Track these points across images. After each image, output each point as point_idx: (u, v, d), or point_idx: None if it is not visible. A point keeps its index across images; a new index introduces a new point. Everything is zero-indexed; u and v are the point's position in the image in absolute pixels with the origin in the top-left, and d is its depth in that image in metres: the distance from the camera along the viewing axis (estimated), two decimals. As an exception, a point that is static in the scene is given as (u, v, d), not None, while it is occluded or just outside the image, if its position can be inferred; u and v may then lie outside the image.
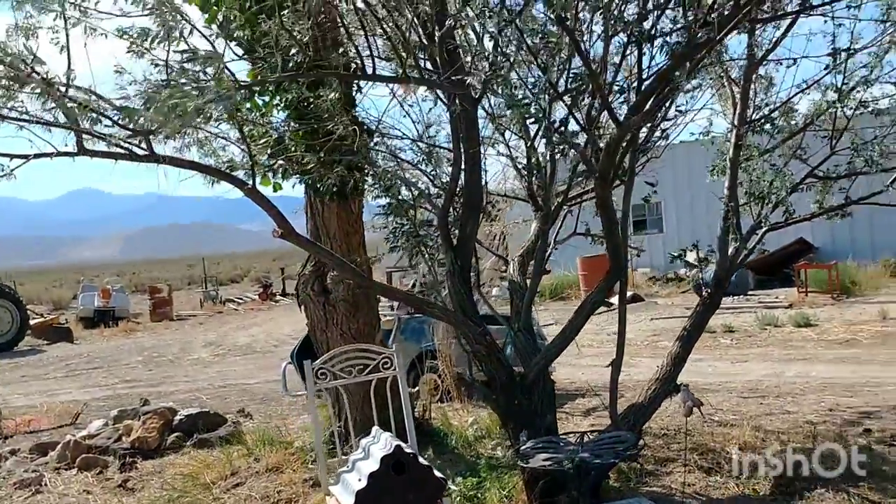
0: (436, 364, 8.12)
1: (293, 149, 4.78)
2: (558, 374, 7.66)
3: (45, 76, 3.78)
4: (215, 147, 4.67)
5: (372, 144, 4.94)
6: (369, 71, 3.93)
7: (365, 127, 4.90)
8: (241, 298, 29.45)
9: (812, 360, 9.96)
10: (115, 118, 3.68)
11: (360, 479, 3.52)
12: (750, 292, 17.18)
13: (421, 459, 3.63)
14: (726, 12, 3.31)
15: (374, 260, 6.33)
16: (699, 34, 3.25)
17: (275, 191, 5.52)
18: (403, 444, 3.64)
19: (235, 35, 4.47)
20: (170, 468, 6.25)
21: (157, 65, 3.81)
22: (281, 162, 4.94)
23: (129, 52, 3.68)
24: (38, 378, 14.62)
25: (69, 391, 12.71)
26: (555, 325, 6.65)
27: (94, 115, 3.50)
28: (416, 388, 7.69)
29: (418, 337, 8.49)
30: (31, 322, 20.46)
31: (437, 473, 3.63)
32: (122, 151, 3.99)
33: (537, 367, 4.60)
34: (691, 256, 5.91)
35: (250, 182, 4.15)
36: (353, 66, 4.17)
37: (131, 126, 3.43)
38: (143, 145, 3.93)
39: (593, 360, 9.76)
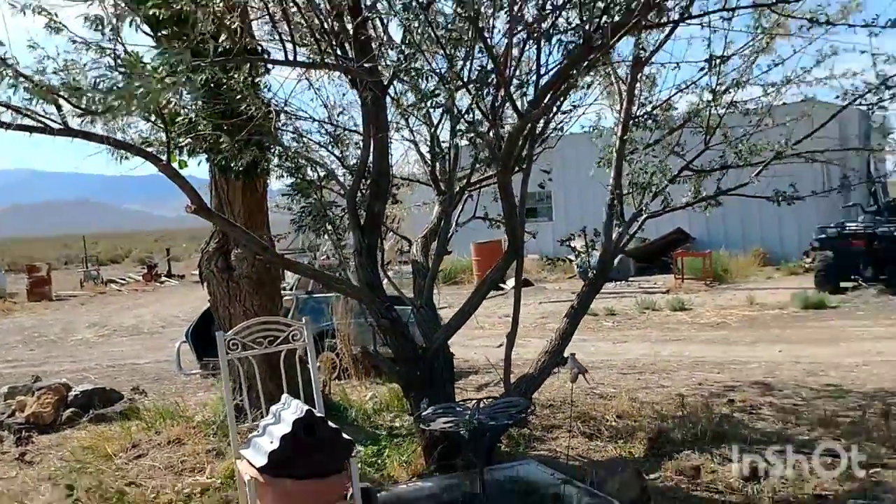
0: (334, 343, 8.33)
1: (202, 128, 4.88)
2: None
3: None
4: (122, 124, 4.74)
5: (280, 125, 5.10)
6: (284, 55, 4.11)
7: (274, 108, 5.06)
8: (123, 279, 28.54)
9: (686, 341, 10.71)
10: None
11: (272, 442, 3.72)
12: (631, 278, 18.13)
13: (330, 423, 3.88)
14: (617, 18, 3.68)
15: (280, 238, 6.48)
16: (594, 37, 3.60)
17: (180, 168, 5.60)
18: (313, 409, 3.88)
19: (148, 13, 4.55)
20: (68, 442, 6.24)
21: (74, 41, 3.88)
22: (189, 140, 5.02)
23: (46, 27, 3.73)
24: None
25: (-57, 372, 12.18)
26: (448, 308, 6.96)
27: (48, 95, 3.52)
28: (317, 365, 7.87)
29: (317, 316, 8.63)
30: None
31: (345, 436, 3.89)
32: (37, 124, 4.03)
33: (438, 340, 4.92)
34: (578, 243, 6.34)
35: (164, 158, 4.26)
36: (260, 48, 4.35)
37: (83, 107, 3.48)
38: (57, 119, 4.00)
39: (485, 341, 10.20)
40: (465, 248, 19.33)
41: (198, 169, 5.96)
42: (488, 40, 3.77)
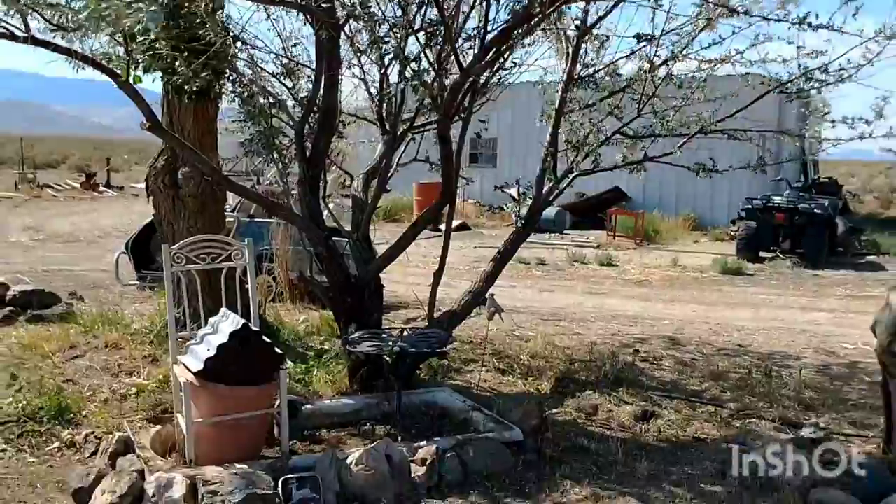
0: (272, 267, 8.59)
1: (161, 48, 5.03)
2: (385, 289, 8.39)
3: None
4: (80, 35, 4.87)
5: (236, 52, 5.27)
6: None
7: (231, 34, 5.23)
8: (60, 185, 28.00)
9: (608, 295, 11.27)
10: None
11: (208, 350, 4.05)
12: (566, 231, 18.70)
13: (263, 338, 4.22)
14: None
15: (226, 162, 6.68)
16: (535, 3, 3.90)
17: (135, 83, 5.73)
18: (249, 324, 4.21)
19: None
20: (5, 338, 6.42)
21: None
22: (146, 58, 5.17)
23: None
24: None
25: None
26: (385, 244, 7.21)
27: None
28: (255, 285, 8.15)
29: (256, 240, 8.80)
30: None
31: (277, 350, 4.24)
32: (4, 31, 4.18)
33: (371, 272, 5.26)
34: (513, 191, 6.69)
35: (121, 74, 4.44)
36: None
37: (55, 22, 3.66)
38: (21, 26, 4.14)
39: (417, 279, 10.56)
40: (408, 187, 19.57)
41: (151, 85, 6.11)
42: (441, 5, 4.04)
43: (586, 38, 6.08)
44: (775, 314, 9.93)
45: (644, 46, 5.97)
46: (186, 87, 4.86)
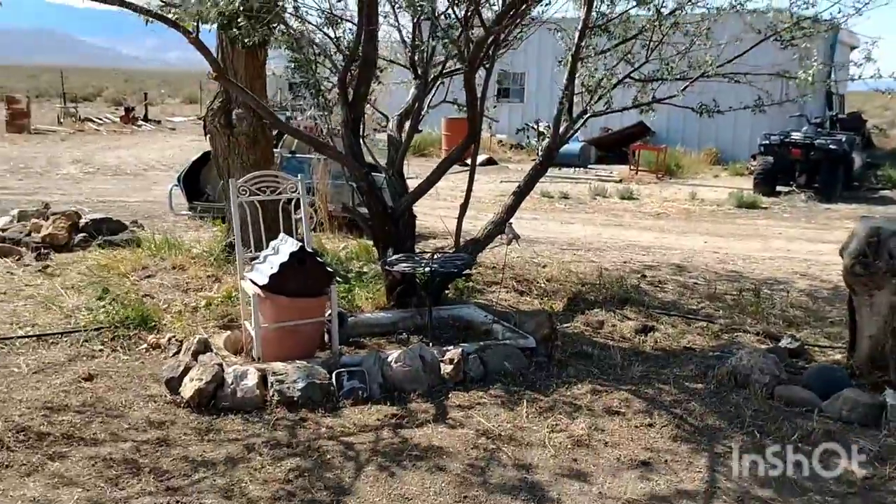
0: (312, 199, 9.36)
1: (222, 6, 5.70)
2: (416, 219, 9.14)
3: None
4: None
5: (287, 7, 5.95)
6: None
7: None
8: (101, 119, 28.91)
9: (625, 227, 11.94)
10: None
11: (272, 268, 4.86)
12: (590, 166, 19.24)
13: (317, 257, 5.02)
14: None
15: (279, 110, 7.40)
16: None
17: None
18: (304, 246, 5.00)
19: None
20: (83, 260, 7.32)
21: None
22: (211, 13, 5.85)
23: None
24: None
25: (-60, 193, 12.99)
26: (416, 178, 7.79)
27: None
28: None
29: (297, 173, 9.64)
30: None
31: (328, 268, 5.04)
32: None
33: (405, 203, 6.01)
34: (542, 125, 7.30)
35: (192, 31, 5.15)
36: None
37: None
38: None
39: (446, 212, 11.30)
40: (438, 122, 20.13)
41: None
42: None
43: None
44: (783, 245, 10.56)
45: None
46: (246, 39, 5.51)
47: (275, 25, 5.78)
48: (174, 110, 38.95)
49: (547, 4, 6.24)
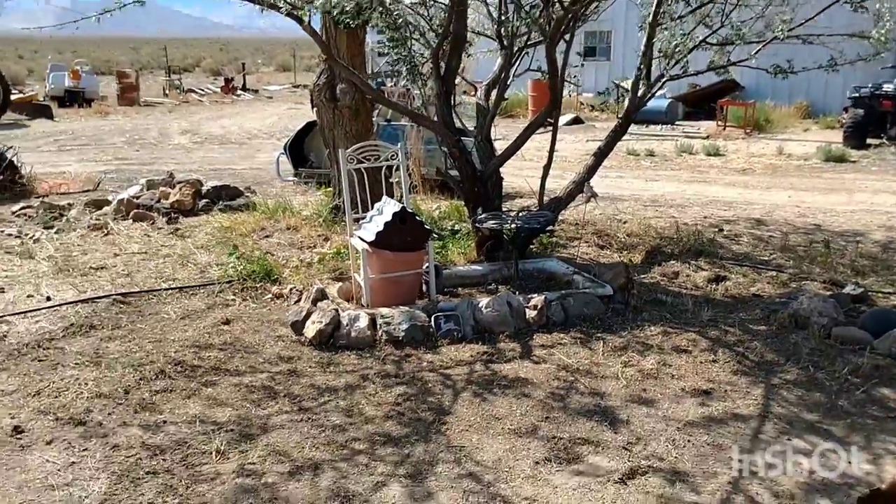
0: (407, 164, 10.08)
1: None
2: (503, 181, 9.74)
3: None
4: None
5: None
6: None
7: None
8: (202, 90, 30.44)
9: (710, 183, 12.22)
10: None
11: (377, 226, 5.57)
12: (678, 123, 19.34)
13: (416, 217, 5.71)
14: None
15: (372, 78, 8.08)
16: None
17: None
18: (406, 207, 5.69)
19: None
20: (208, 224, 8.24)
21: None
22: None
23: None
24: (32, 150, 15.93)
25: (69, 163, 14.19)
26: (503, 140, 8.31)
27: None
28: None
29: (393, 140, 10.34)
30: (11, 97, 21.26)
31: (426, 226, 5.73)
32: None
33: (492, 167, 6.63)
34: (627, 83, 7.72)
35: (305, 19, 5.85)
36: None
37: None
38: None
39: (531, 172, 11.84)
40: (524, 83, 20.53)
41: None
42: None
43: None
44: (867, 198, 10.68)
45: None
46: (351, 21, 6.16)
47: (375, 7, 6.41)
48: (269, 79, 40.39)
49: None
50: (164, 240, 7.75)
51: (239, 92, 30.02)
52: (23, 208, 8.87)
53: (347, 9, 5.93)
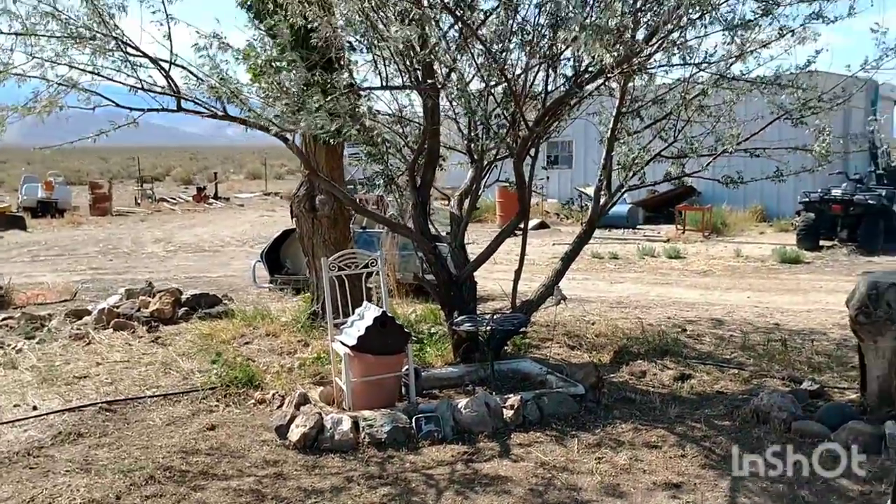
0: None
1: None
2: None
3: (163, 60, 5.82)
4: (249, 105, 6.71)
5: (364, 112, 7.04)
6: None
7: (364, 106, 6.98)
8: (174, 198, 30.87)
9: (672, 285, 12.68)
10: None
11: (359, 330, 5.83)
12: (639, 227, 20.06)
13: (395, 321, 5.98)
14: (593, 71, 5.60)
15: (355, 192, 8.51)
16: (581, 81, 5.54)
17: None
18: (386, 311, 5.98)
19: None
20: (187, 332, 8.42)
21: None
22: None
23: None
24: (6, 261, 16.07)
25: (43, 274, 14.29)
26: (473, 244, 8.67)
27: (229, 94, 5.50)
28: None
29: (368, 246, 10.73)
30: (-17, 209, 21.50)
31: (405, 330, 6.00)
32: (207, 111, 6.08)
33: (466, 271, 6.97)
34: (589, 190, 8.23)
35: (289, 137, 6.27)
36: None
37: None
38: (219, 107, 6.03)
39: (503, 275, 12.23)
40: (491, 191, 21.20)
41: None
42: (511, 81, 5.72)
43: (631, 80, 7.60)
44: (822, 298, 11.16)
45: (677, 86, 7.49)
46: (332, 140, 6.59)
47: (352, 127, 6.86)
48: (240, 186, 41.04)
49: (582, 98, 7.15)
50: (145, 348, 7.90)
51: (211, 200, 30.50)
52: (4, 319, 8.99)
53: (330, 129, 6.37)
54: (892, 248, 15.40)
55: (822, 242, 15.77)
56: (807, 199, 15.84)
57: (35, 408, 6.09)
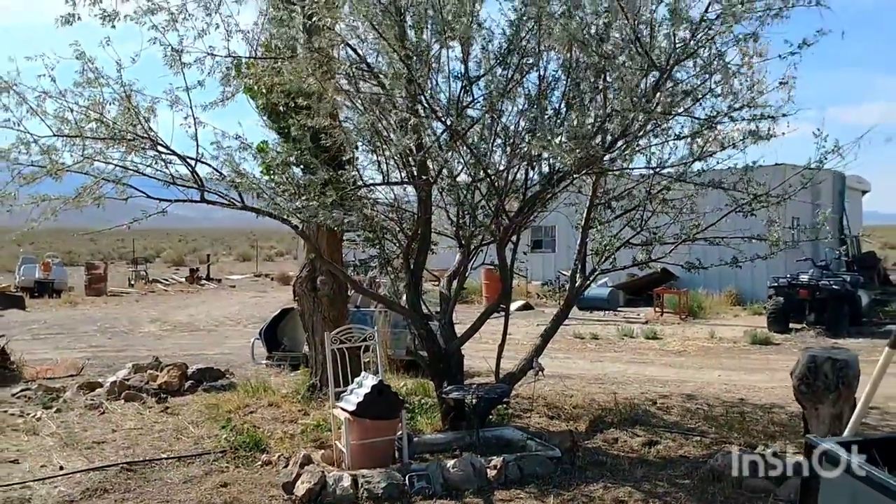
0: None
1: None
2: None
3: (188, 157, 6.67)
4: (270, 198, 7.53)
5: (364, 203, 7.90)
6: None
7: (366, 197, 7.85)
8: (167, 279, 31.55)
9: (649, 364, 13.39)
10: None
11: (358, 397, 6.52)
12: (620, 309, 20.86)
13: (391, 389, 6.68)
14: (566, 167, 6.49)
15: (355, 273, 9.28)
16: (554, 179, 6.42)
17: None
18: (382, 380, 6.68)
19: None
20: (194, 403, 9.05)
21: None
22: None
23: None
24: (9, 339, 16.64)
25: (45, 351, 14.90)
26: (459, 324, 9.37)
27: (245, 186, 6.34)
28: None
29: (363, 324, 11.41)
30: (-16, 289, 22.13)
31: (400, 397, 6.70)
32: (226, 202, 6.90)
33: (454, 346, 7.71)
34: (568, 271, 8.99)
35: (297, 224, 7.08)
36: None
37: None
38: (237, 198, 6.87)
39: (487, 352, 12.94)
40: (477, 272, 22.07)
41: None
42: (495, 178, 6.61)
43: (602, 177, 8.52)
44: (787, 377, 11.82)
45: (645, 180, 8.40)
46: (336, 228, 7.40)
47: (352, 214, 7.70)
48: (231, 268, 41.77)
49: (556, 194, 8.01)
50: (156, 417, 8.51)
51: (203, 281, 31.20)
52: (22, 391, 9.59)
53: (342, 221, 7.22)
54: (857, 331, 16.23)
55: (791, 325, 16.58)
56: (776, 285, 16.73)
57: (62, 468, 6.69)
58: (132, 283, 29.55)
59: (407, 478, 6.16)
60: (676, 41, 6.15)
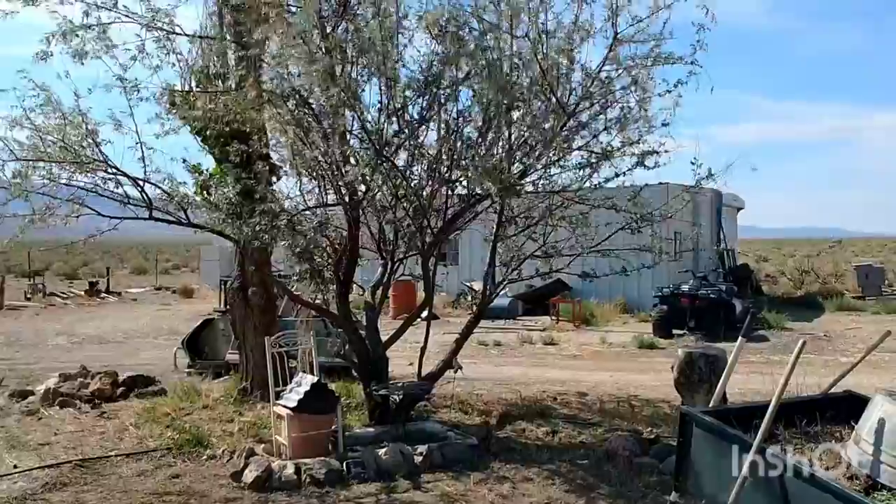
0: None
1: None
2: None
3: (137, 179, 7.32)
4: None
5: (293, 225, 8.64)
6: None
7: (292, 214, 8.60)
8: (65, 293, 30.93)
9: (548, 367, 14.55)
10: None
11: (297, 395, 7.29)
12: (519, 317, 22.11)
13: (328, 387, 7.48)
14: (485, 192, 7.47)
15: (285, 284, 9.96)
16: (472, 200, 7.40)
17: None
18: (319, 379, 7.47)
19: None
20: (130, 408, 9.54)
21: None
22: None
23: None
24: None
25: (-51, 365, 14.83)
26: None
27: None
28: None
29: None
30: None
31: (335, 394, 7.51)
32: (174, 219, 7.57)
33: (380, 350, 8.56)
34: (477, 285, 10.02)
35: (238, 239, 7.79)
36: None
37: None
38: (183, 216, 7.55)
39: (401, 361, 13.86)
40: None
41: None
42: (420, 201, 7.55)
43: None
44: (670, 376, 13.22)
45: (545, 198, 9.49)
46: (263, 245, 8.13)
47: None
48: (129, 281, 41.02)
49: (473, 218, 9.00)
50: (94, 421, 8.99)
51: (103, 294, 30.73)
52: (-48, 400, 9.83)
53: (266, 238, 7.95)
54: (732, 335, 17.91)
55: (674, 331, 18.15)
56: (661, 294, 18.31)
57: (16, 466, 7.17)
58: (29, 296, 28.85)
59: (344, 464, 6.98)
60: (581, 89, 7.26)
